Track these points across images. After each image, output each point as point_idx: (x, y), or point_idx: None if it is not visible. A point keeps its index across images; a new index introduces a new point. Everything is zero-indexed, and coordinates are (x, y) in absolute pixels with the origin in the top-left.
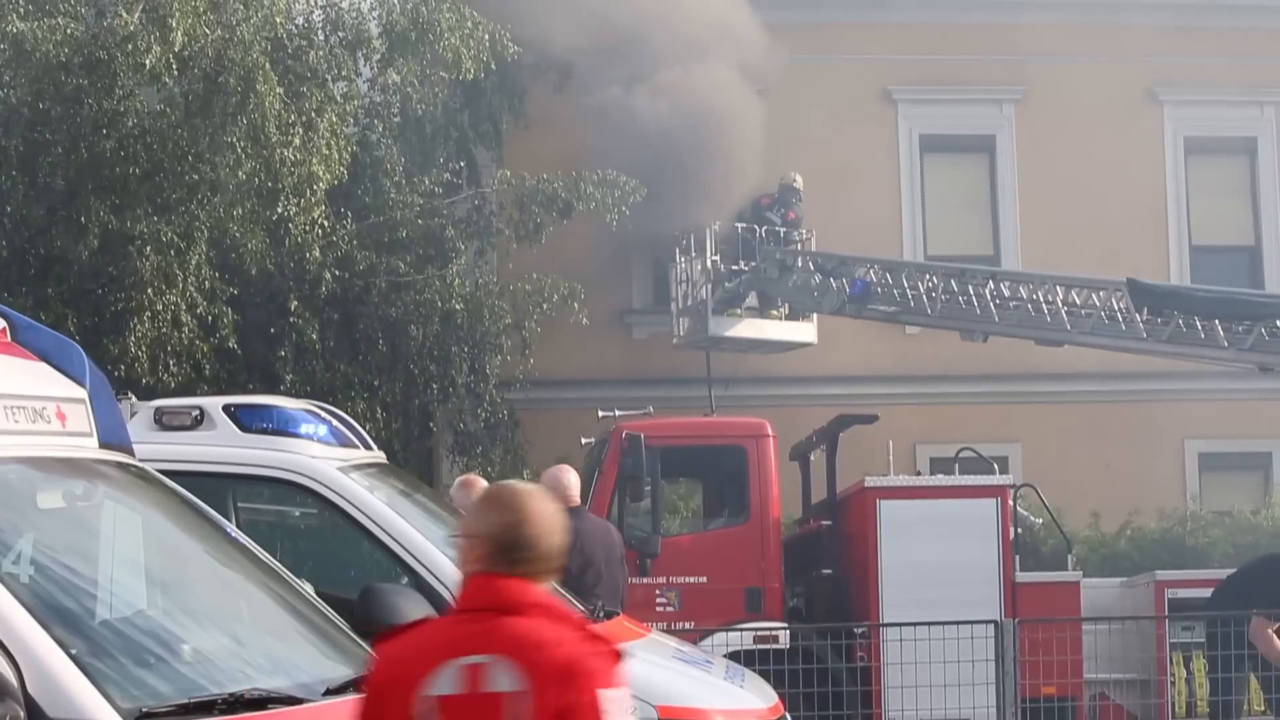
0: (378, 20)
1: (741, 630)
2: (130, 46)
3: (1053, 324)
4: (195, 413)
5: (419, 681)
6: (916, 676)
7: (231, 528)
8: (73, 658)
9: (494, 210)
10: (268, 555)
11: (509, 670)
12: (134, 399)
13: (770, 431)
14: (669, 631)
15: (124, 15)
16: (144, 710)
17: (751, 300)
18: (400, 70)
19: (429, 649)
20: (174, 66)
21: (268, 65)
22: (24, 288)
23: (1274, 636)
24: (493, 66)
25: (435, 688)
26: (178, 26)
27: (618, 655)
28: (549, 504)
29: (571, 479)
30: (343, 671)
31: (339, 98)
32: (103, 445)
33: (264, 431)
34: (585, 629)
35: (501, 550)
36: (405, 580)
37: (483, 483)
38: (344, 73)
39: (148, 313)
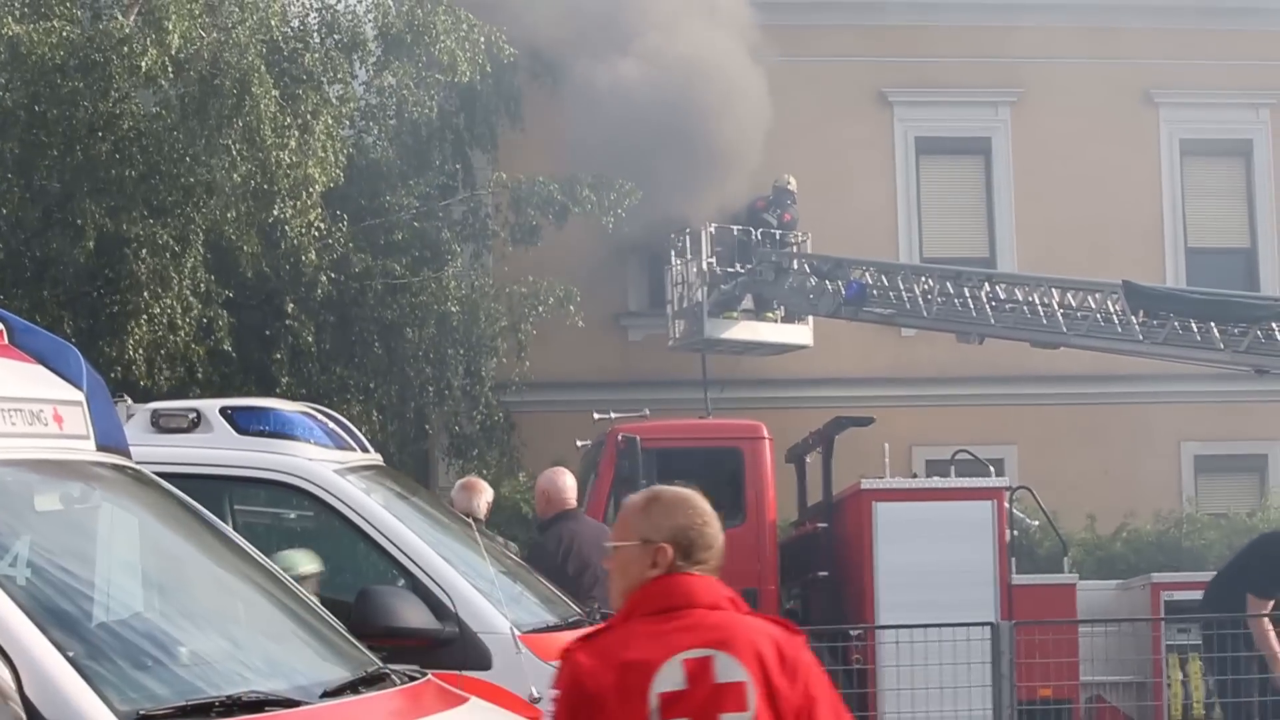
0: (373, 23)
1: None
2: (126, 49)
3: (1048, 326)
4: (192, 415)
5: (648, 680)
6: (913, 679)
7: (229, 530)
8: (70, 660)
9: (490, 213)
10: (264, 557)
11: (732, 662)
12: (130, 401)
13: (766, 434)
14: None
15: (120, 18)
16: (141, 713)
17: (747, 303)
18: (396, 73)
19: (645, 649)
20: (170, 69)
21: (263, 68)
22: (20, 290)
23: (1272, 636)
24: (488, 69)
25: (663, 684)
26: (173, 29)
27: (808, 642)
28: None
29: (567, 482)
30: (340, 674)
31: (335, 100)
32: (100, 448)
33: (261, 434)
34: (780, 620)
35: (686, 551)
36: (402, 583)
37: (484, 485)
38: (340, 75)
39: (144, 315)
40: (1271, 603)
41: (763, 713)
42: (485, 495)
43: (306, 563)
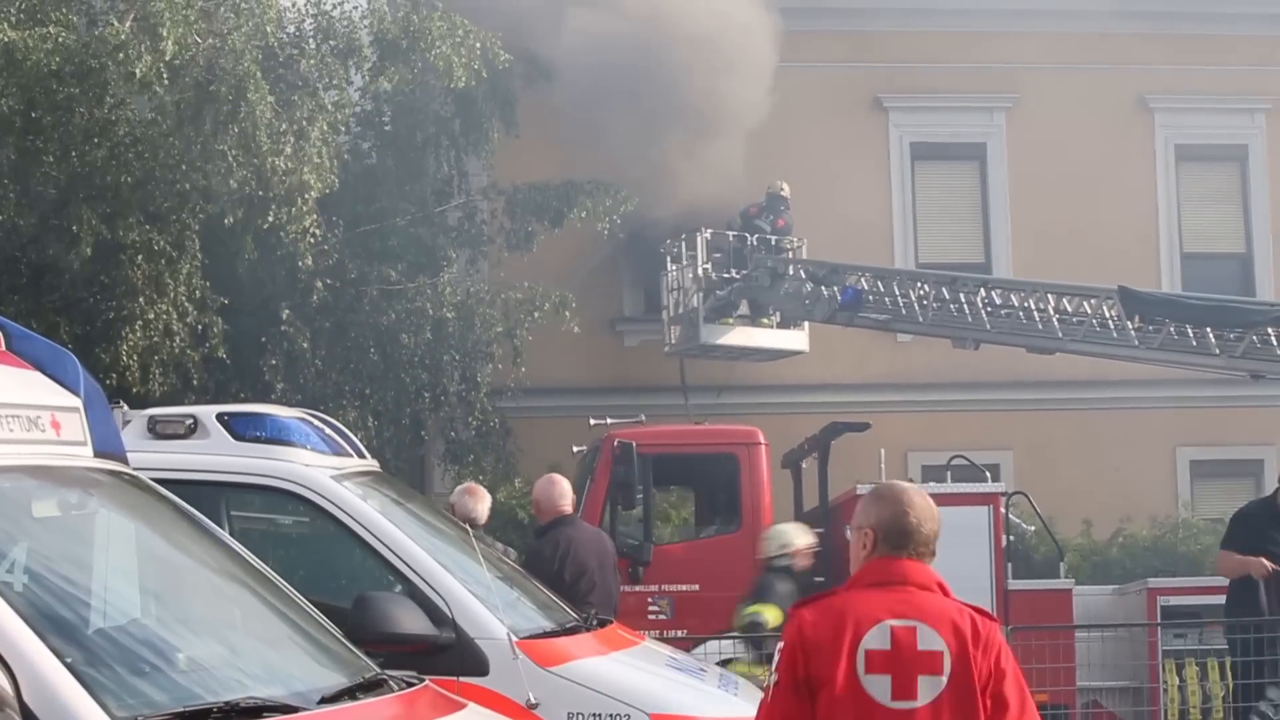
0: (369, 29)
1: (734, 638)
2: (121, 55)
3: (1044, 332)
4: (189, 421)
5: (860, 637)
6: None
7: (226, 536)
8: (68, 666)
9: (485, 219)
10: (262, 563)
11: (932, 633)
12: (126, 407)
13: (762, 439)
14: (661, 639)
15: (115, 24)
16: (139, 719)
17: (743, 308)
18: (392, 79)
19: (859, 612)
20: (165, 75)
21: (259, 74)
22: (16, 296)
23: (1237, 556)
24: (484, 75)
25: (871, 643)
26: (168, 35)
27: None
28: (926, 497)
29: (564, 488)
30: (337, 680)
31: (330, 106)
32: (97, 454)
33: (257, 440)
34: (975, 607)
35: (890, 536)
36: (399, 588)
37: (485, 491)
38: (335, 81)
39: (139, 321)
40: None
41: (955, 677)
42: (486, 501)
43: (800, 536)
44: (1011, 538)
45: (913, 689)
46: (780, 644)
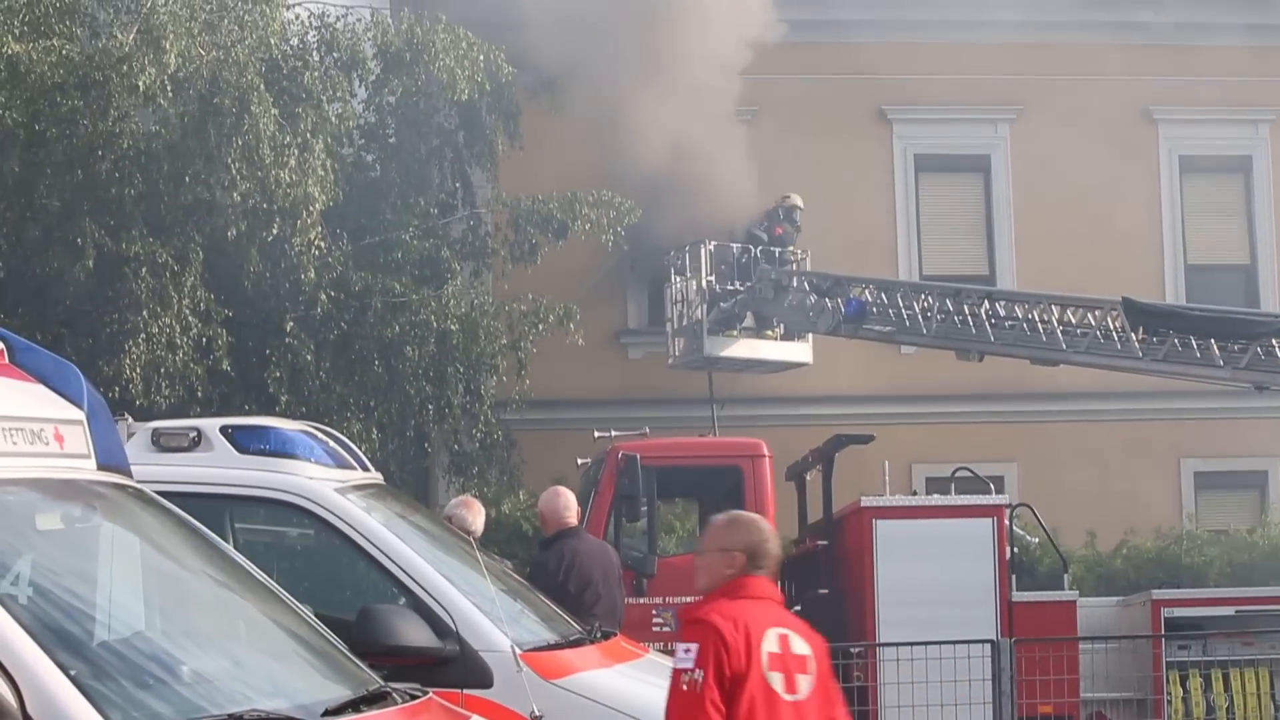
0: (372, 41)
1: None
2: (125, 68)
3: (1048, 343)
4: (193, 434)
5: (759, 641)
6: (913, 696)
7: (229, 548)
8: (72, 679)
9: (489, 231)
10: (265, 576)
11: (800, 640)
12: (130, 420)
13: (766, 451)
14: (666, 652)
15: (119, 36)
16: None
17: (747, 320)
18: (395, 91)
19: (751, 620)
20: (168, 88)
21: (262, 86)
22: (20, 308)
23: None
24: (487, 87)
25: (768, 646)
26: (172, 48)
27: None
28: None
29: (568, 500)
30: (341, 693)
31: (334, 119)
32: (101, 467)
33: (261, 453)
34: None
35: (757, 558)
36: (403, 601)
37: (480, 504)
38: (339, 94)
39: (143, 334)
40: None
41: (819, 677)
42: (482, 514)
43: None
44: (1015, 549)
45: (796, 685)
46: (691, 645)
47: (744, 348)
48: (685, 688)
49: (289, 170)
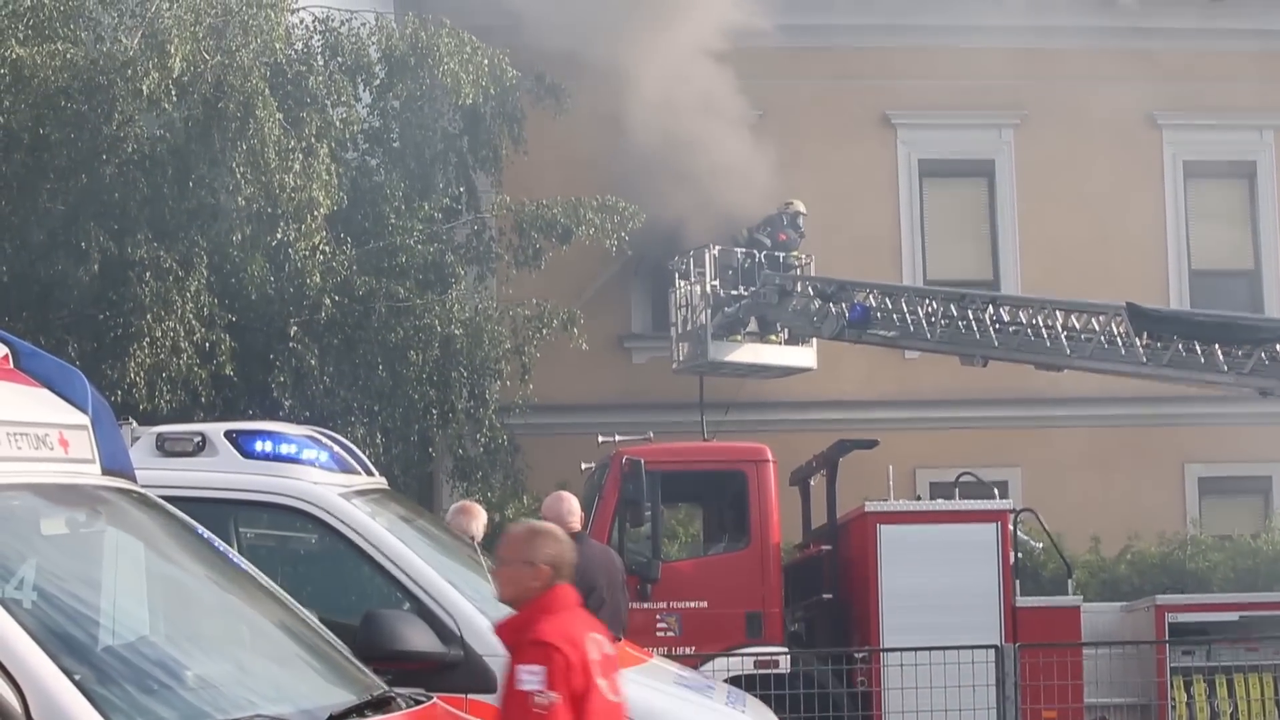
0: (377, 46)
1: (742, 655)
2: (130, 72)
3: (1052, 348)
4: (197, 439)
5: (587, 650)
6: (917, 701)
7: (234, 553)
8: (76, 684)
9: (493, 235)
10: (270, 581)
11: (606, 642)
12: (135, 424)
13: (770, 456)
14: (670, 656)
15: (123, 40)
16: None
17: (751, 325)
18: (400, 95)
19: (574, 631)
20: (173, 92)
21: (267, 91)
22: (24, 313)
23: None
24: (492, 91)
25: (592, 654)
26: (176, 52)
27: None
28: None
29: (572, 505)
30: (345, 698)
31: (338, 123)
32: (105, 471)
33: (266, 457)
34: None
35: (561, 569)
36: (407, 606)
37: (480, 509)
38: (343, 98)
39: (147, 338)
40: None
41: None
42: (481, 519)
43: None
44: (1019, 554)
45: (616, 687)
46: (536, 668)
47: (748, 352)
48: (537, 711)
49: (293, 175)
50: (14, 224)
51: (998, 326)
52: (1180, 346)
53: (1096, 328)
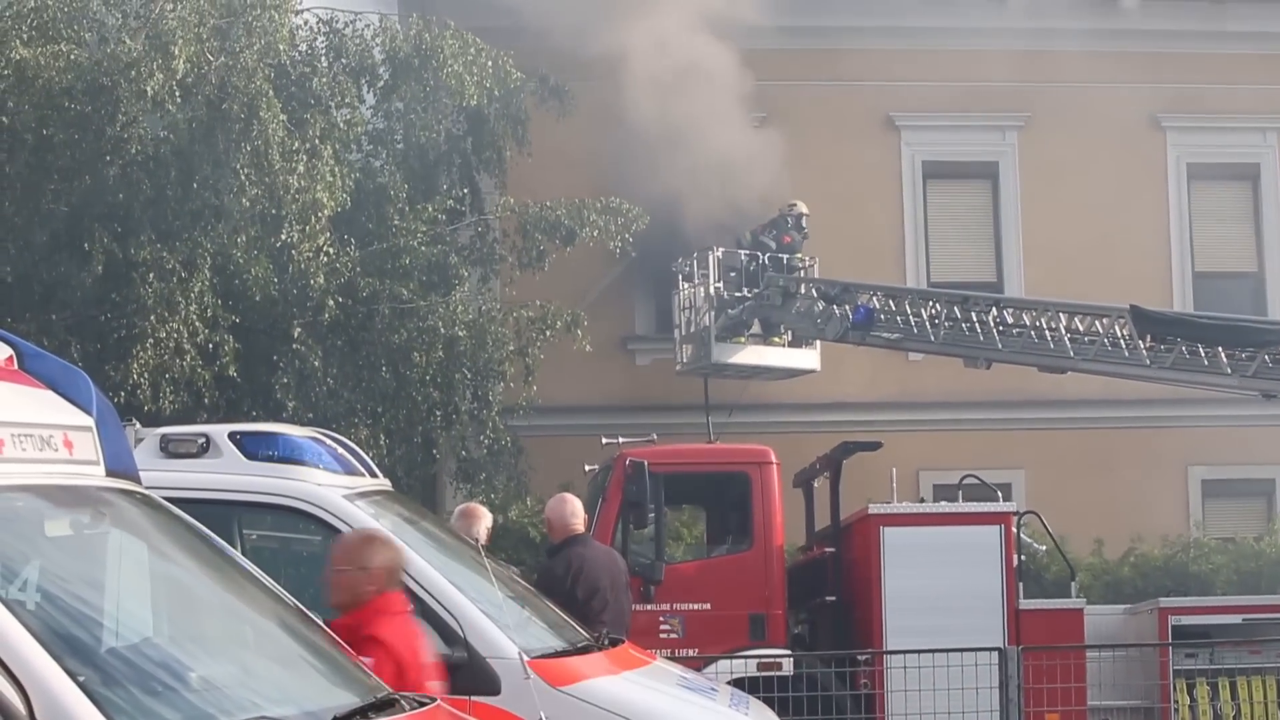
0: (381, 47)
1: (745, 657)
2: (133, 73)
3: (1056, 351)
4: (201, 440)
5: (422, 652)
6: (920, 704)
7: (238, 555)
8: (80, 685)
9: (497, 237)
10: (274, 583)
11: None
12: (139, 426)
13: (774, 458)
14: (673, 658)
15: (127, 41)
16: None
17: (755, 327)
18: (404, 97)
19: (412, 634)
20: (177, 93)
21: (271, 92)
22: (28, 314)
23: None
24: (496, 93)
25: (424, 655)
26: (180, 54)
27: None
28: None
29: (575, 507)
30: (349, 700)
31: (342, 125)
32: (109, 473)
33: (270, 459)
34: None
35: (393, 575)
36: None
37: (484, 510)
38: (347, 100)
39: (150, 340)
40: None
41: None
42: (485, 521)
43: None
44: (1023, 557)
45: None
46: (368, 660)
47: (752, 354)
48: None
49: (297, 176)
50: (17, 225)
51: (1001, 329)
52: (1184, 349)
53: (1100, 330)
